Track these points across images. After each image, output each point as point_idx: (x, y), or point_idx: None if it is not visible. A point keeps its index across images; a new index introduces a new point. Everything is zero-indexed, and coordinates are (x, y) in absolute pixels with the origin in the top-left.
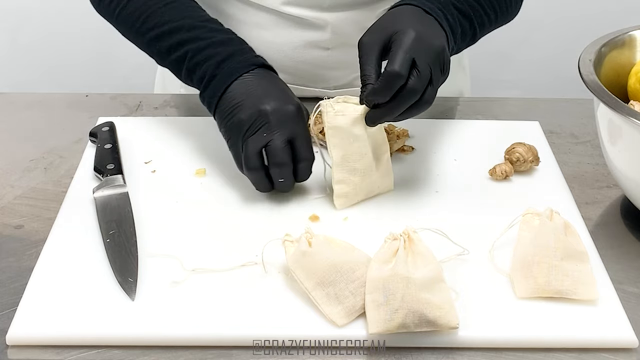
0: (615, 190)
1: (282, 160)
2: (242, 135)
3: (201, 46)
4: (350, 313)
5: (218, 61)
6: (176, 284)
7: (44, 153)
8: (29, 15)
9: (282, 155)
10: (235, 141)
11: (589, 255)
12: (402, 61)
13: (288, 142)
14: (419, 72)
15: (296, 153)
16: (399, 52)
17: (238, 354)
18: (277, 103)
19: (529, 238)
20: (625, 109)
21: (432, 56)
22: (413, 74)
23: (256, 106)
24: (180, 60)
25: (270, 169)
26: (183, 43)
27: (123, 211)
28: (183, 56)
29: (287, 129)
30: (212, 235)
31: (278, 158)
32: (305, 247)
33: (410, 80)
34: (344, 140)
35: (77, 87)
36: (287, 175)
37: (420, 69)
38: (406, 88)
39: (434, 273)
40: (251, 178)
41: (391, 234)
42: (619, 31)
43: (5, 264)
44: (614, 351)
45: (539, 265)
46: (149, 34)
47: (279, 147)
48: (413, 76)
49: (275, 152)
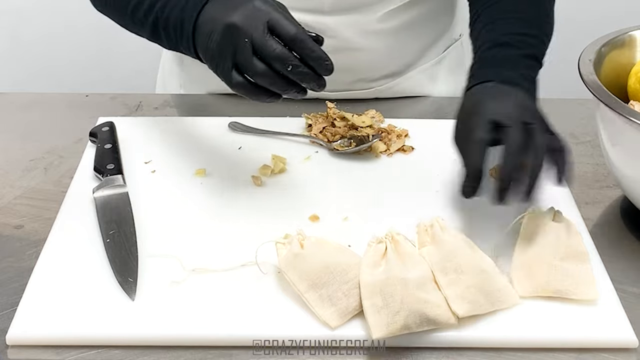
0: (615, 190)
1: (273, 49)
2: (227, 58)
3: (165, 1)
4: (344, 314)
5: (182, 6)
6: (176, 284)
7: (44, 153)
8: (29, 15)
9: (270, 44)
10: (223, 69)
11: (589, 255)
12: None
13: (269, 32)
14: (509, 127)
15: (281, 34)
16: (474, 119)
17: (238, 354)
18: (237, 10)
19: (531, 237)
20: (625, 109)
21: (513, 109)
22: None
23: (222, 25)
24: (156, 23)
25: (273, 65)
26: (153, 4)
27: (123, 211)
28: (156, 18)
29: (260, 20)
30: (212, 235)
31: (267, 49)
32: (297, 249)
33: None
34: None
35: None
36: (291, 60)
37: (508, 125)
38: (507, 150)
39: (426, 272)
40: (265, 83)
41: (375, 237)
42: (619, 31)
43: (5, 264)
44: (613, 351)
45: (540, 265)
46: (128, 9)
47: (262, 40)
48: (505, 135)
49: (263, 47)
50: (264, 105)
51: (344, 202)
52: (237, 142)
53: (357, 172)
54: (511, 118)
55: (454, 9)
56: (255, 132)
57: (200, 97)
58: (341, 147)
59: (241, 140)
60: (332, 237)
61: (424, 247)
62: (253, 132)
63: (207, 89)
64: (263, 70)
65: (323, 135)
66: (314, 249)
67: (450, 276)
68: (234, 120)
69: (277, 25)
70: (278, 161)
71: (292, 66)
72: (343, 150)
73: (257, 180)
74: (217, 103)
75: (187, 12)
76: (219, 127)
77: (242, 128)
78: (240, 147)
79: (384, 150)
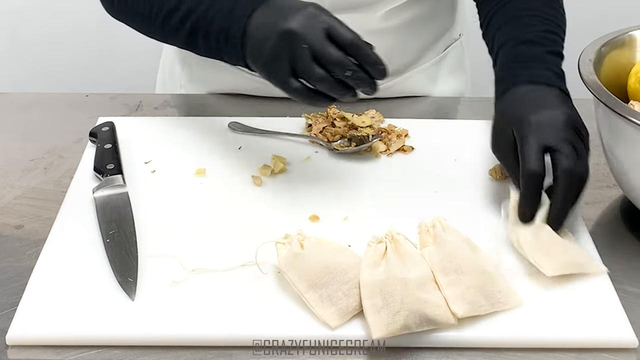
0: (615, 190)
1: (332, 55)
2: (284, 64)
3: (206, 7)
4: (344, 314)
5: (226, 13)
6: (176, 284)
7: (44, 153)
8: (29, 15)
9: (330, 50)
10: (280, 75)
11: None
12: (533, 156)
13: (327, 37)
14: (560, 152)
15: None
16: (525, 148)
17: (238, 354)
18: (294, 16)
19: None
20: (625, 109)
21: (561, 129)
22: (556, 158)
23: (279, 31)
24: (193, 31)
25: (332, 71)
26: (190, 12)
27: (123, 211)
28: (195, 26)
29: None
30: (212, 235)
31: (327, 55)
32: (297, 249)
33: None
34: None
35: (77, 87)
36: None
37: (559, 149)
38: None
39: (426, 272)
40: (324, 88)
41: (374, 237)
42: (619, 31)
43: (5, 264)
44: (614, 351)
45: (554, 245)
46: (158, 18)
47: (322, 46)
48: (558, 159)
49: (322, 53)
50: (264, 105)
51: (344, 202)
52: (237, 142)
53: (357, 172)
54: (562, 140)
55: (454, 8)
56: (255, 132)
57: (200, 97)
58: (341, 147)
59: (241, 140)
60: (332, 237)
61: (425, 247)
62: (253, 132)
63: (207, 89)
64: (323, 76)
65: (323, 135)
66: (314, 249)
67: (451, 277)
68: (234, 120)
69: (335, 32)
70: (278, 161)
71: (352, 72)
72: (343, 150)
73: (257, 180)
74: (217, 103)
75: (234, 20)
76: (219, 127)
77: (242, 128)
78: (240, 147)
79: (384, 150)
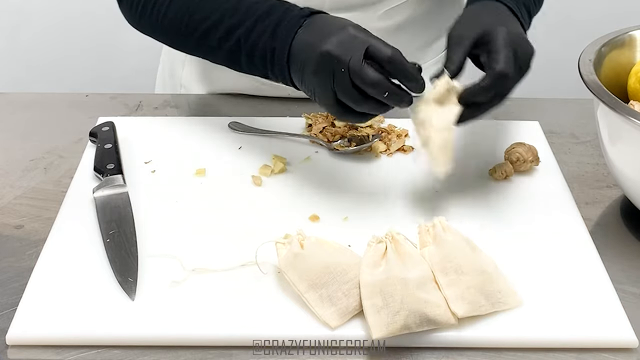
0: (615, 190)
1: (370, 77)
2: (327, 89)
3: (249, 27)
4: (344, 314)
5: (271, 33)
6: (176, 284)
7: (44, 153)
8: (29, 15)
9: (367, 72)
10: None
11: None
12: (508, 61)
13: (365, 57)
14: (520, 68)
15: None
16: (503, 51)
17: (238, 354)
18: (332, 38)
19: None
20: (625, 109)
21: (528, 52)
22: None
23: (317, 53)
24: (235, 49)
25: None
26: (231, 30)
27: (123, 211)
28: (237, 44)
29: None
30: (212, 235)
31: (364, 77)
32: (297, 249)
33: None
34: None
35: (77, 87)
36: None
37: (523, 66)
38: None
39: (426, 272)
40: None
41: (374, 237)
42: (619, 31)
43: (5, 264)
44: (614, 351)
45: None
46: (195, 34)
47: (359, 68)
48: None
49: (359, 75)
50: (264, 105)
51: (344, 202)
52: (237, 142)
53: (357, 172)
54: (506, 41)
55: (454, 8)
56: (255, 132)
57: (200, 97)
58: (341, 147)
59: (241, 140)
60: (332, 237)
61: (425, 247)
62: (253, 132)
63: (207, 89)
64: (362, 100)
65: (323, 135)
66: (314, 249)
67: (451, 277)
68: (234, 120)
69: (373, 50)
70: (278, 161)
71: (389, 93)
72: (343, 150)
73: (257, 180)
74: (217, 103)
75: (278, 40)
76: (219, 127)
77: (242, 128)
78: (240, 147)
79: (384, 150)
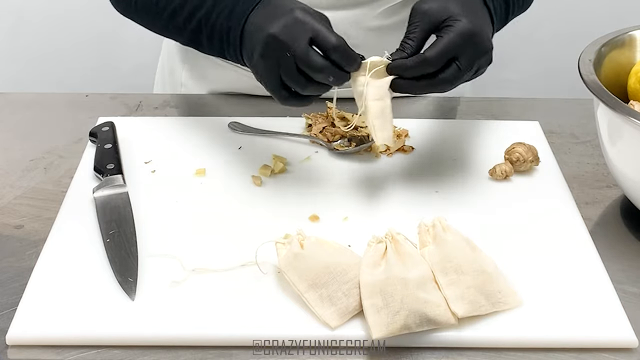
0: (615, 190)
1: (317, 63)
2: (273, 74)
3: (209, 7)
4: (344, 314)
5: (228, 13)
6: (176, 284)
7: (44, 153)
8: (29, 15)
9: (314, 59)
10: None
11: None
12: (441, 53)
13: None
14: (459, 68)
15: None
16: (444, 44)
17: (238, 354)
18: (278, 21)
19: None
20: (625, 109)
21: (479, 56)
22: (452, 67)
23: (264, 36)
24: (197, 30)
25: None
26: (194, 12)
27: (123, 211)
28: (198, 25)
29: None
30: (212, 235)
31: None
32: (297, 249)
33: (446, 72)
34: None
35: (77, 87)
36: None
37: (462, 67)
38: (439, 77)
39: (426, 272)
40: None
41: (374, 237)
42: (619, 31)
43: (5, 264)
44: (614, 351)
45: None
46: (164, 15)
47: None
48: (451, 69)
49: (305, 61)
50: (264, 105)
51: (344, 202)
52: (237, 142)
53: (357, 172)
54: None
55: None
56: (255, 132)
57: (200, 97)
58: (341, 147)
59: (241, 140)
60: (332, 237)
61: (425, 247)
62: (253, 132)
63: (207, 89)
64: (307, 85)
65: (323, 135)
66: (314, 249)
67: (451, 276)
68: (234, 120)
69: (319, 38)
70: (278, 161)
71: (334, 77)
72: (343, 150)
73: (257, 180)
74: (217, 103)
75: (234, 20)
76: (219, 127)
77: (242, 128)
78: (240, 147)
79: (384, 150)
